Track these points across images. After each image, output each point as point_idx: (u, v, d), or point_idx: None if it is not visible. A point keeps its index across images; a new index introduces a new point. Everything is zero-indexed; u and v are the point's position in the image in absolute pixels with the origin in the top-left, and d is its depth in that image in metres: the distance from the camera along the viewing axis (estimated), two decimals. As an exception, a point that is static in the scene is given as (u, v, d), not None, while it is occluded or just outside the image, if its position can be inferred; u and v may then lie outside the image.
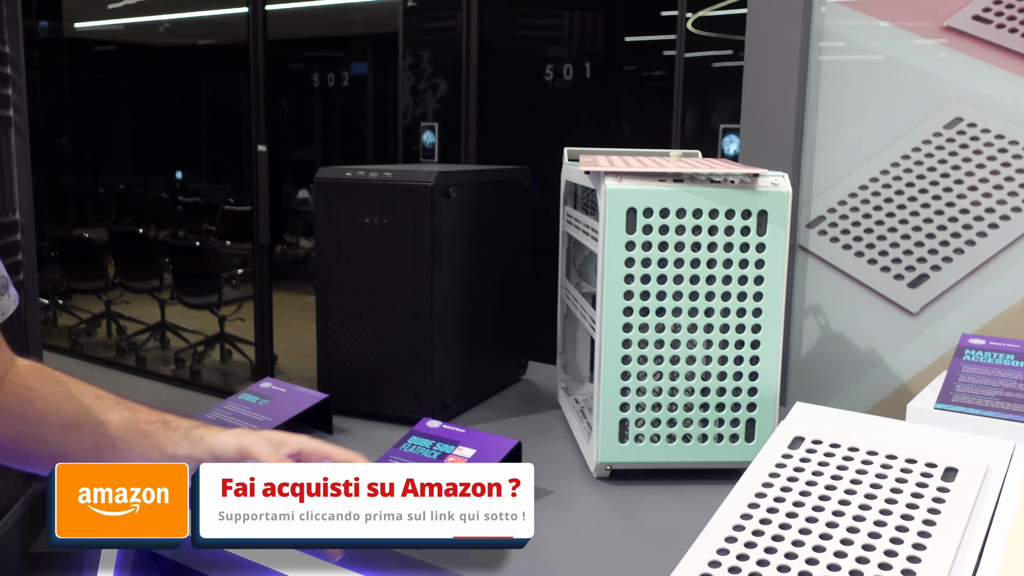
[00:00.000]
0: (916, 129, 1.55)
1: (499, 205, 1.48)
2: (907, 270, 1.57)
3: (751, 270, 1.11)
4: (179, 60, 7.17)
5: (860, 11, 1.58)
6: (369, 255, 1.32)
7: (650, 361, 1.12)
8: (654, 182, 1.09)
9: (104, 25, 6.87)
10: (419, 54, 4.58)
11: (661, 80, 4.14)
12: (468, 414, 1.42)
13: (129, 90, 7.41)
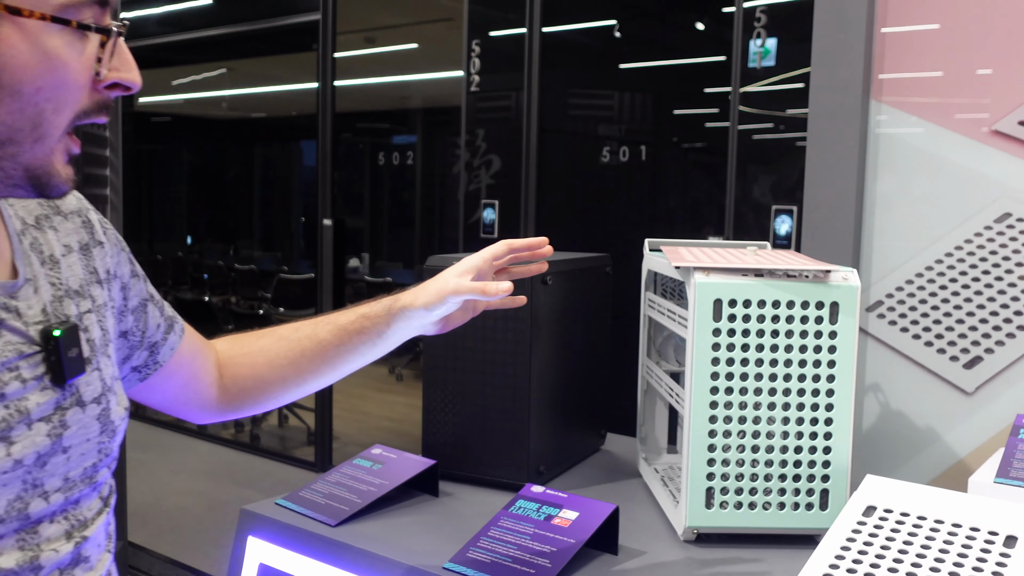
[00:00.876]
0: (968, 222, 1.69)
1: (585, 289, 1.64)
2: (962, 352, 1.69)
3: (824, 355, 1.24)
4: (233, 132, 7.52)
5: (915, 115, 1.73)
6: (474, 335, 1.47)
7: (734, 435, 1.25)
8: (737, 276, 1.24)
9: (166, 100, 7.24)
10: (474, 131, 4.79)
11: (706, 153, 4.31)
12: (558, 480, 1.55)
13: (184, 160, 7.76)
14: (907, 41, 1.74)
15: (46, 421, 0.77)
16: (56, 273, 0.83)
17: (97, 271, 0.90)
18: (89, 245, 0.90)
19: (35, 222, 0.85)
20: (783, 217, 3.47)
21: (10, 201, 0.84)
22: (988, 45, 1.66)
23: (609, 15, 4.54)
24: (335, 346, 1.09)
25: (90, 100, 0.73)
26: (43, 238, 0.84)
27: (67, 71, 0.70)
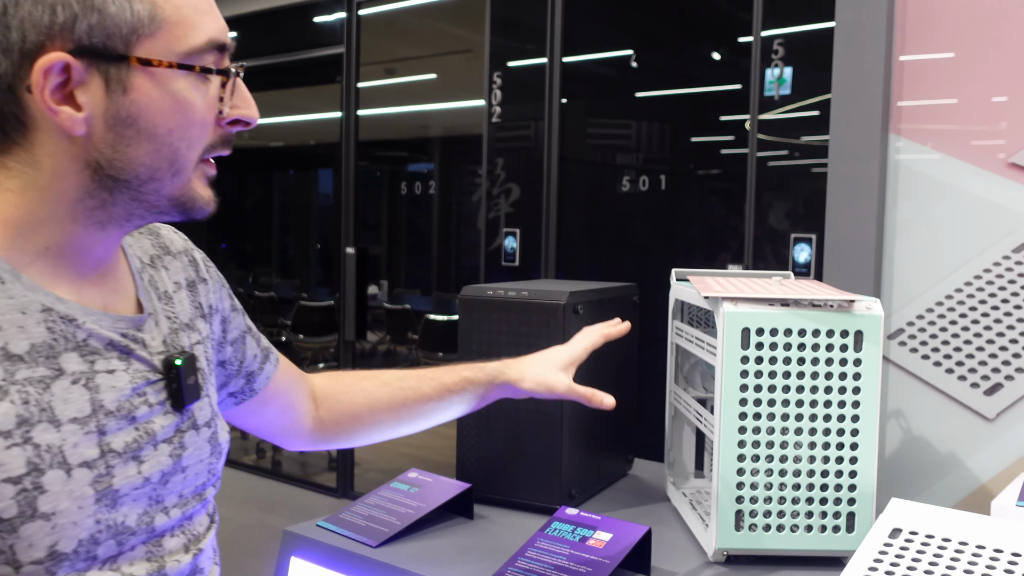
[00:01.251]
0: (987, 251, 1.73)
1: (613, 317, 1.68)
2: (983, 379, 1.72)
3: (849, 382, 1.28)
4: (251, 161, 7.63)
5: (933, 145, 1.78)
6: (507, 362, 1.52)
7: (762, 459, 1.29)
8: (764, 306, 1.29)
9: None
10: (494, 160, 4.87)
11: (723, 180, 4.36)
12: (588, 504, 1.60)
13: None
14: (925, 69, 1.79)
15: (168, 443, 0.85)
16: (171, 308, 0.91)
17: (201, 306, 0.97)
18: (195, 282, 0.97)
19: (150, 261, 0.92)
20: (802, 245, 3.52)
21: (128, 242, 0.91)
22: (1003, 73, 1.71)
23: (626, 45, 4.61)
24: (435, 401, 1.20)
25: (215, 135, 0.81)
26: (157, 276, 0.92)
27: (194, 111, 0.77)
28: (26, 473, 0.72)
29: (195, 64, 0.77)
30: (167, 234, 0.99)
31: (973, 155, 1.75)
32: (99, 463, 0.77)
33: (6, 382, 0.72)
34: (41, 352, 0.75)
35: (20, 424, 0.72)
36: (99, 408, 0.78)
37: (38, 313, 0.76)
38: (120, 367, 0.81)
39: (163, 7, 0.75)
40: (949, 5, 1.75)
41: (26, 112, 0.74)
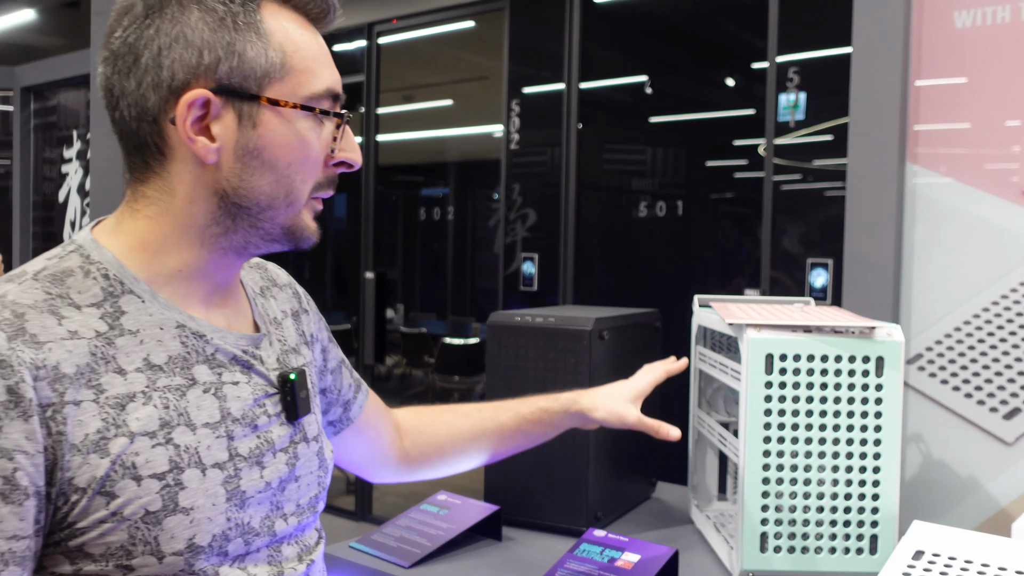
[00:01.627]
0: (1004, 278, 1.76)
1: (637, 343, 1.72)
2: (1001, 404, 1.75)
3: (871, 406, 1.32)
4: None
5: (949, 173, 1.82)
6: (534, 388, 1.56)
7: (786, 482, 1.32)
8: (787, 332, 1.32)
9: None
10: (511, 186, 4.92)
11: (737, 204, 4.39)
12: (613, 526, 1.63)
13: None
14: (940, 94, 1.83)
15: (285, 452, 0.92)
16: (280, 333, 0.99)
17: (304, 334, 1.05)
18: (299, 312, 1.06)
19: (260, 291, 1.02)
20: (818, 270, 3.55)
21: (242, 274, 1.00)
22: (1017, 97, 1.74)
23: (640, 72, 4.67)
24: (513, 431, 1.28)
25: (323, 175, 0.89)
26: (267, 304, 1.01)
27: (310, 149, 0.86)
28: (169, 470, 0.80)
29: (315, 107, 0.86)
30: (273, 269, 1.09)
31: (988, 182, 1.78)
32: (228, 465, 0.85)
33: (149, 388, 0.81)
34: (177, 363, 0.84)
35: (163, 426, 0.81)
36: (227, 415, 0.86)
37: (173, 329, 0.85)
38: (243, 379, 0.89)
39: (292, 56, 0.84)
40: (962, 30, 1.79)
41: (166, 142, 0.84)
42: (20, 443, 0.74)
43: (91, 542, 0.77)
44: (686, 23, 4.61)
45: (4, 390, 0.73)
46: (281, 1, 0.86)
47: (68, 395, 0.76)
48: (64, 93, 4.17)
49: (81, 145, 4.05)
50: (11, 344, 0.75)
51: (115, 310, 0.82)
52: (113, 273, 0.84)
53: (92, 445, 0.77)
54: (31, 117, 4.37)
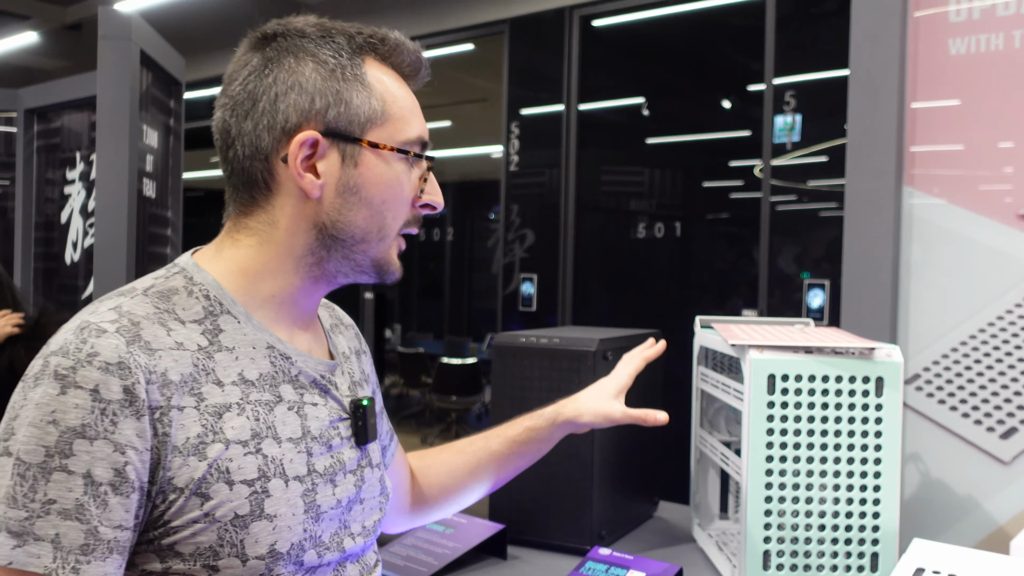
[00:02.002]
0: (999, 300, 1.79)
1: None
2: (998, 423, 1.78)
3: (871, 426, 1.34)
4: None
5: (945, 196, 1.85)
6: (539, 407, 1.58)
7: (788, 500, 1.35)
8: (789, 353, 1.35)
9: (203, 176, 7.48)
10: (509, 206, 4.95)
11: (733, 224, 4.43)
12: (617, 545, 1.65)
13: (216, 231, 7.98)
14: (934, 117, 1.86)
15: (353, 473, 0.98)
16: (349, 366, 1.06)
17: (364, 372, 1.11)
18: (359, 352, 1.13)
19: (330, 328, 1.08)
20: (816, 291, 3.58)
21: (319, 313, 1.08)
22: (1010, 121, 1.78)
23: (638, 94, 4.72)
24: (506, 455, 1.29)
25: (411, 215, 0.98)
26: (337, 340, 1.08)
27: (402, 189, 0.95)
28: (257, 478, 0.86)
29: (409, 150, 0.95)
30: (339, 311, 1.16)
31: (984, 205, 1.82)
32: (307, 479, 0.91)
33: (243, 401, 0.88)
34: (266, 380, 0.91)
35: (253, 436, 0.87)
36: (307, 433, 0.93)
37: (264, 349, 0.92)
38: (320, 402, 0.96)
39: (391, 105, 0.94)
40: (956, 57, 1.83)
41: (274, 178, 0.93)
42: (132, 439, 0.80)
43: (183, 541, 0.83)
44: (683, 46, 4.67)
45: (121, 390, 0.80)
46: (381, 58, 0.96)
47: (174, 400, 0.83)
48: (68, 115, 4.20)
49: (84, 167, 4.08)
50: (129, 348, 0.82)
51: (214, 328, 0.90)
52: (213, 294, 0.92)
53: (192, 448, 0.83)
54: (34, 139, 4.40)
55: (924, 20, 1.88)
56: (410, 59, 0.98)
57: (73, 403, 0.79)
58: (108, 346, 0.81)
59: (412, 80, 1.00)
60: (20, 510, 0.78)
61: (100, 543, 0.79)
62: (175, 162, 3.61)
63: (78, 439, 0.79)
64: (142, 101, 3.12)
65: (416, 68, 0.99)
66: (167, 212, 3.46)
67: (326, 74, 0.92)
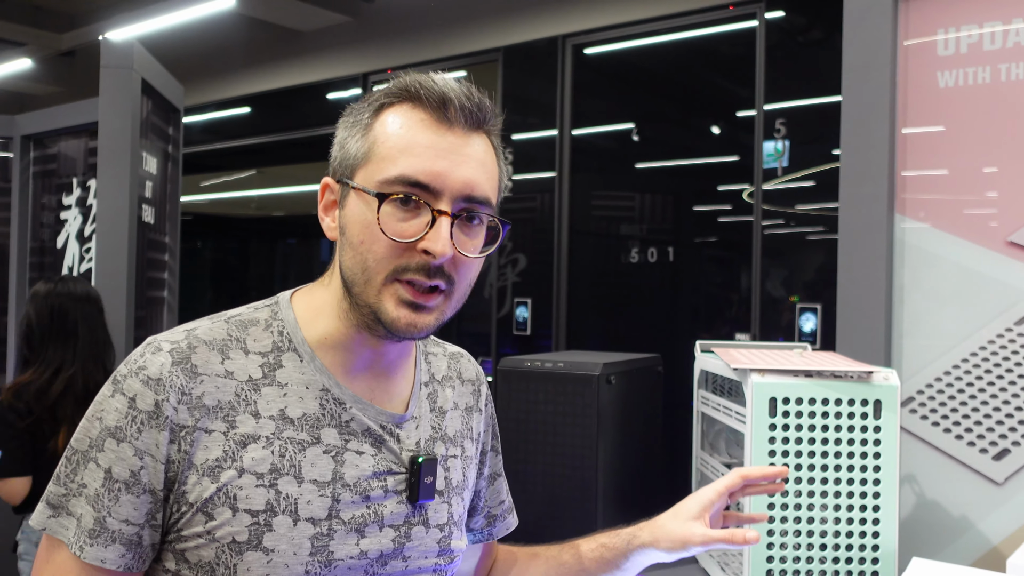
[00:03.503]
0: (990, 325, 1.84)
1: (641, 387, 1.78)
2: (991, 445, 1.82)
3: (870, 447, 1.38)
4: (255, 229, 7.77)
5: (936, 224, 1.90)
6: (544, 430, 1.62)
7: (790, 520, 1.38)
8: (789, 376, 1.39)
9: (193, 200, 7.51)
10: (501, 231, 4.99)
11: (722, 248, 4.48)
12: (620, 566, 1.67)
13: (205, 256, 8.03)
14: (925, 144, 1.92)
15: (395, 528, 0.96)
16: (439, 421, 1.05)
17: (472, 430, 1.11)
18: (471, 408, 1.11)
19: (442, 379, 1.08)
20: (808, 315, 3.63)
21: (431, 357, 1.09)
22: (994, 146, 1.84)
23: (628, 119, 4.78)
24: (576, 571, 1.18)
25: (409, 259, 0.90)
26: (441, 393, 1.07)
27: (375, 229, 0.89)
28: (263, 511, 0.89)
29: (387, 192, 0.90)
30: (465, 364, 1.14)
31: (974, 232, 1.87)
32: (323, 523, 0.91)
33: (274, 436, 0.91)
34: (308, 421, 0.93)
35: (271, 471, 0.90)
36: (338, 479, 0.93)
37: (317, 391, 0.94)
38: (369, 451, 0.96)
39: (379, 146, 0.92)
40: (945, 89, 1.89)
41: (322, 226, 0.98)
42: (150, 448, 0.88)
43: (189, 551, 0.89)
44: (672, 74, 4.74)
45: (152, 403, 0.88)
46: (412, 103, 0.93)
47: (202, 423, 0.89)
48: (64, 141, 4.23)
49: (80, 192, 4.11)
50: (172, 369, 0.89)
51: (276, 362, 0.94)
52: (287, 331, 0.96)
53: (208, 469, 0.89)
54: (30, 164, 4.43)
55: (913, 50, 1.94)
56: (432, 100, 0.92)
57: (115, 406, 0.89)
58: (155, 363, 0.89)
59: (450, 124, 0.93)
60: (61, 487, 0.90)
61: (104, 531, 0.87)
62: (173, 188, 3.64)
63: (110, 438, 0.88)
64: (142, 128, 3.15)
65: (442, 109, 0.92)
66: (165, 238, 3.49)
67: (346, 126, 0.96)
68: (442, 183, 0.90)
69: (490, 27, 4.98)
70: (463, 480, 1.07)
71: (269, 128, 6.42)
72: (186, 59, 5.89)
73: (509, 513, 1.21)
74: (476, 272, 0.96)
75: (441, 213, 0.90)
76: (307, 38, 5.87)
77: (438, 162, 0.90)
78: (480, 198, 0.92)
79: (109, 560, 0.87)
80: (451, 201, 0.90)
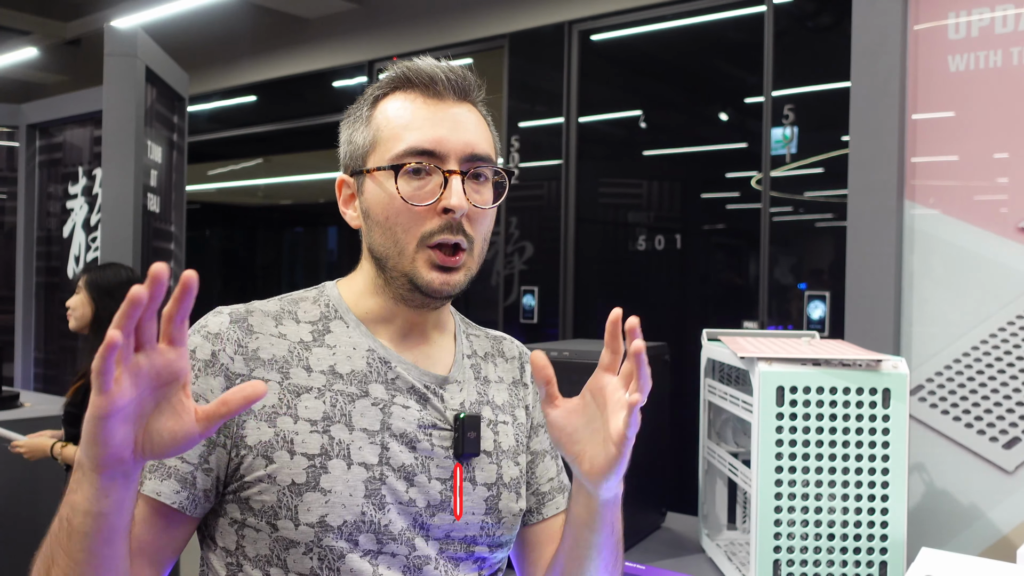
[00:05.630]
0: (1000, 312, 1.82)
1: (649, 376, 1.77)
2: (1001, 433, 1.80)
3: (879, 436, 1.36)
4: (262, 218, 7.76)
5: (947, 211, 1.88)
6: (549, 419, 1.60)
7: (797, 510, 1.37)
8: (797, 365, 1.37)
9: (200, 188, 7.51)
10: (508, 219, 4.97)
11: (730, 235, 4.46)
12: (627, 556, 1.66)
13: (212, 245, 8.03)
14: (935, 129, 1.90)
15: (442, 481, 1.01)
16: (485, 389, 1.10)
17: (522, 400, 1.14)
18: (517, 382, 1.15)
19: (483, 355, 1.13)
20: (816, 302, 3.61)
21: (472, 337, 1.14)
22: (1005, 131, 1.81)
23: (635, 107, 4.75)
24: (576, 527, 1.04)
25: (435, 223, 0.99)
26: (484, 366, 1.12)
27: (398, 201, 0.99)
28: (318, 454, 0.95)
29: (399, 164, 0.99)
30: (508, 344, 1.19)
31: (984, 218, 1.84)
32: (375, 468, 0.97)
33: (325, 388, 0.98)
34: (356, 377, 1.00)
35: (324, 419, 0.97)
36: (386, 428, 0.99)
37: (364, 351, 1.02)
38: (415, 407, 1.02)
39: (382, 130, 1.02)
40: (956, 74, 1.87)
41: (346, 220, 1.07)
42: (205, 392, 0.95)
43: (252, 497, 0.95)
44: (679, 60, 4.71)
45: (209, 353, 0.96)
46: (407, 88, 1.03)
47: (257, 372, 0.97)
48: (70, 130, 4.22)
49: (86, 181, 4.10)
50: (231, 326, 0.98)
51: (324, 328, 1.03)
52: (333, 304, 1.05)
53: (266, 415, 0.96)
54: (36, 153, 4.42)
55: (924, 35, 1.91)
56: (424, 79, 1.02)
57: None
58: (216, 322, 0.99)
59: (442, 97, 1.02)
60: None
61: (161, 466, 0.93)
62: (178, 176, 3.63)
63: None
64: (147, 117, 3.14)
65: (434, 86, 1.02)
66: (171, 226, 3.48)
67: (348, 124, 1.06)
68: (446, 147, 0.99)
69: (496, 13, 4.94)
70: (516, 445, 1.09)
71: (275, 116, 6.40)
72: (191, 47, 5.87)
73: (560, 492, 1.14)
74: (490, 226, 1.04)
75: (451, 173, 0.99)
76: (312, 25, 5.84)
77: (438, 129, 1.00)
78: (482, 155, 1.01)
79: (164, 494, 0.93)
80: (457, 161, 1.00)
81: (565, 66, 4.60)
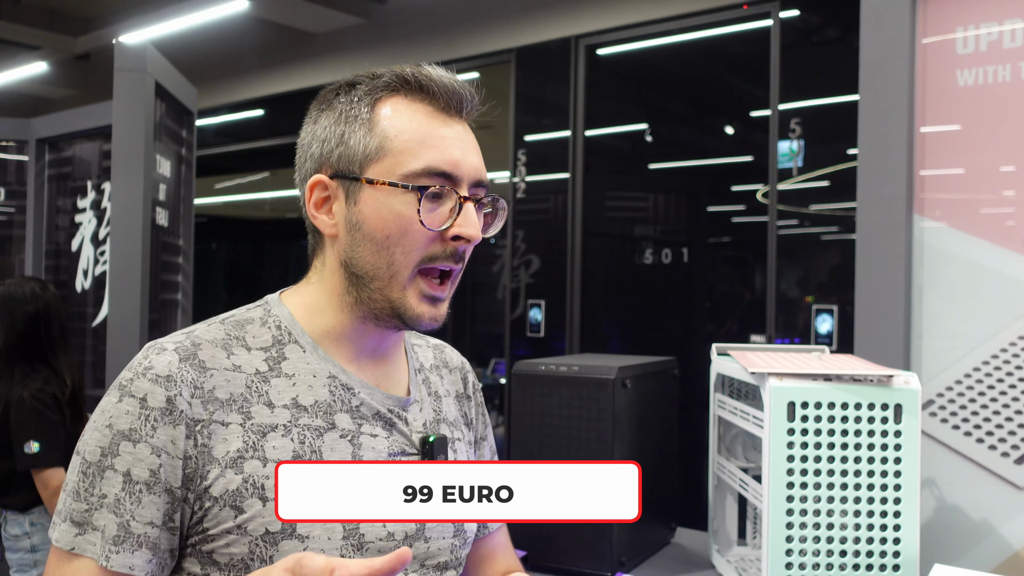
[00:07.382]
0: (1011, 327, 1.81)
1: (657, 390, 1.77)
2: (1012, 448, 1.79)
3: (891, 452, 1.36)
4: (269, 232, 7.77)
5: (953, 227, 1.88)
6: (558, 434, 1.60)
7: (809, 527, 1.36)
8: (808, 380, 1.37)
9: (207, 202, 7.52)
10: (515, 233, 4.97)
11: (735, 248, 4.45)
12: (636, 571, 1.66)
13: (220, 258, 8.04)
14: (944, 143, 1.89)
15: None
16: (438, 405, 1.07)
17: (466, 416, 1.12)
18: (461, 396, 1.13)
19: (430, 368, 1.10)
20: (824, 316, 3.60)
21: (415, 348, 1.10)
22: (1011, 144, 1.81)
23: (641, 120, 4.76)
24: None
25: (439, 248, 0.94)
26: (433, 379, 1.09)
27: (408, 223, 0.92)
28: None
29: (410, 184, 0.92)
30: (449, 352, 1.16)
31: (992, 232, 1.84)
32: None
33: (291, 424, 0.92)
34: (321, 408, 0.94)
35: (295, 458, 0.91)
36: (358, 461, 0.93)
37: (325, 378, 0.96)
38: (382, 434, 0.97)
39: (394, 140, 0.94)
40: (964, 88, 1.86)
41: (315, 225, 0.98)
42: (166, 445, 0.87)
43: (218, 550, 0.88)
44: (686, 74, 4.72)
45: (164, 399, 0.88)
46: (411, 95, 0.96)
47: (217, 416, 0.90)
48: (79, 144, 4.24)
49: (95, 195, 4.11)
50: (180, 365, 0.90)
51: (279, 355, 0.95)
52: (284, 325, 0.97)
53: (231, 461, 0.89)
54: (45, 168, 4.44)
55: (932, 48, 1.91)
56: (444, 93, 0.96)
57: (125, 409, 0.88)
58: (162, 362, 0.89)
59: (451, 113, 0.97)
60: (82, 503, 0.88)
61: (130, 536, 0.86)
62: (187, 191, 3.64)
63: (124, 441, 0.87)
64: (156, 131, 3.16)
65: (450, 101, 0.96)
66: (179, 240, 3.49)
67: (335, 119, 0.96)
68: (461, 170, 0.95)
69: (503, 28, 4.96)
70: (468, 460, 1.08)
71: (282, 130, 6.42)
72: (200, 62, 5.90)
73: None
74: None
75: (465, 199, 0.94)
76: (320, 40, 5.87)
77: (454, 151, 0.95)
78: (485, 182, 0.98)
79: (137, 567, 0.86)
80: (468, 187, 0.95)
81: (572, 80, 4.61)
